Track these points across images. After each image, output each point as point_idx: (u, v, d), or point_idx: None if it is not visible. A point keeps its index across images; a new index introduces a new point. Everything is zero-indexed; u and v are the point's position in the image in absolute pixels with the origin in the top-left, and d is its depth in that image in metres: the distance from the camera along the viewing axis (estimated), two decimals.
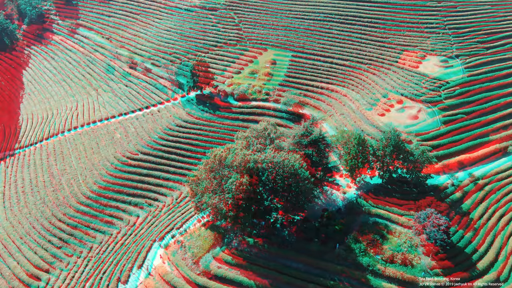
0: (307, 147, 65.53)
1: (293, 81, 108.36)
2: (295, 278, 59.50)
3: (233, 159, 59.38)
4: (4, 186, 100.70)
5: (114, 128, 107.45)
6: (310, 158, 66.41)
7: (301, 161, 61.83)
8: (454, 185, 71.82)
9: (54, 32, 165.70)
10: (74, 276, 73.01)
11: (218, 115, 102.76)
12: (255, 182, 58.78)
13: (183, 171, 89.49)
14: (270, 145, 66.29)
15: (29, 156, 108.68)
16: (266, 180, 59.36)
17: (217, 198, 59.48)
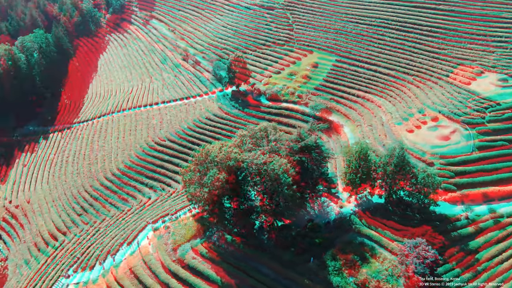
0: (299, 153, 63.57)
1: (330, 86, 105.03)
2: (261, 283, 58.54)
3: (216, 155, 60.40)
4: (54, 154, 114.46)
5: (153, 114, 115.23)
6: (302, 165, 64.40)
7: (287, 167, 60.43)
8: (468, 218, 63.69)
9: (130, 22, 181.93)
10: (81, 242, 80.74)
11: (246, 113, 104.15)
12: (232, 180, 59.05)
13: None
14: (264, 147, 65.71)
15: (80, 130, 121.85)
16: (243, 180, 59.22)
17: (197, 190, 61.02)
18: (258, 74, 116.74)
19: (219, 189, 58.40)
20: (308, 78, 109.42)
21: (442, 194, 67.97)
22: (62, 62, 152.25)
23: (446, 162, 73.21)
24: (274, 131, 69.58)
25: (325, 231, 64.01)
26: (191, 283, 60.89)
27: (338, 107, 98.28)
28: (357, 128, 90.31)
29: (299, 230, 62.66)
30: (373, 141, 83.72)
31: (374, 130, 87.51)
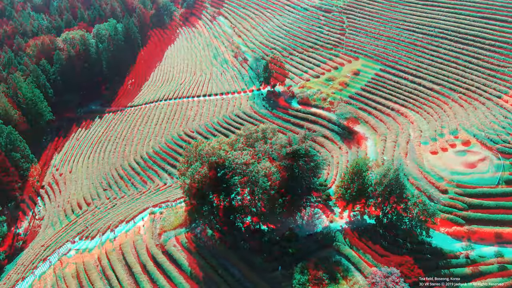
0: (286, 159, 62.06)
1: (366, 95, 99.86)
2: (225, 282, 58.89)
3: (203, 149, 61.98)
4: (102, 133, 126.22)
5: (192, 106, 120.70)
6: (292, 172, 62.75)
7: (270, 171, 59.69)
8: (469, 257, 56.60)
9: (199, 18, 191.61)
10: (96, 214, 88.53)
11: (274, 114, 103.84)
12: (212, 175, 60.02)
13: None
14: (258, 148, 65.45)
15: (129, 114, 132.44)
16: (222, 178, 59.81)
17: (183, 181, 63.23)
18: (297, 76, 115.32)
19: (199, 182, 59.81)
20: (345, 85, 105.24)
21: (445, 226, 61.37)
22: (130, 50, 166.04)
23: (462, 192, 65.49)
24: (272, 133, 68.95)
25: (303, 242, 61.77)
26: (165, 268, 63.43)
27: (368, 118, 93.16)
28: (380, 143, 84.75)
29: (272, 237, 61.37)
30: (390, 158, 78.00)
31: (397, 147, 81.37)
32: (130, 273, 65.51)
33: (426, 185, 68.93)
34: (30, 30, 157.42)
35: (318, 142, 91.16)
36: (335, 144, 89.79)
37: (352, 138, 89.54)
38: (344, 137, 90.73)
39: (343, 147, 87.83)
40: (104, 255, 70.19)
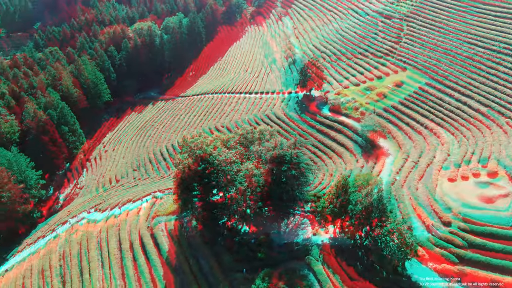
0: (270, 163, 60.97)
1: (402, 110, 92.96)
2: (191, 272, 60.54)
3: (192, 141, 63.97)
4: (149, 118, 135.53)
5: (231, 102, 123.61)
6: (278, 177, 61.61)
7: (251, 172, 59.49)
8: None
9: (267, 17, 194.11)
10: (117, 190, 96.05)
11: (301, 118, 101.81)
12: (193, 168, 61.58)
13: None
14: (252, 149, 65.55)
15: (177, 103, 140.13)
16: (202, 172, 61.00)
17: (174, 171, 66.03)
18: (337, 82, 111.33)
19: (182, 173, 61.94)
20: (383, 97, 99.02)
21: (435, 261, 55.23)
22: (193, 43, 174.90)
23: (467, 228, 58.05)
24: (270, 136, 68.26)
25: (276, 250, 60.47)
26: (147, 250, 67.14)
27: (396, 133, 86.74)
28: (400, 161, 78.45)
29: (245, 238, 61.02)
30: (403, 179, 72.03)
31: (415, 168, 74.71)
32: (119, 248, 70.44)
33: (429, 214, 62.52)
34: (107, 19, 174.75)
35: (337, 152, 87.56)
36: (353, 156, 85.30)
37: (373, 152, 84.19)
38: (365, 150, 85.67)
39: (360, 161, 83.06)
40: (105, 228, 76.20)
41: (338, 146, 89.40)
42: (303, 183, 62.76)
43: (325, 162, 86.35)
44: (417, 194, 67.31)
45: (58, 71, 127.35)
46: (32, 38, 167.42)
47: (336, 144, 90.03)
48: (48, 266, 73.93)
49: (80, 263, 70.94)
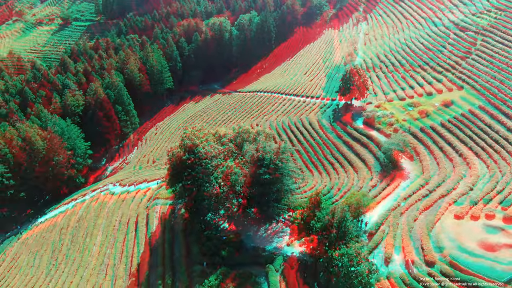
0: (249, 165, 60.46)
1: (441, 132, 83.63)
2: (162, 257, 63.57)
3: (186, 132, 66.69)
4: (201, 109, 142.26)
5: (275, 102, 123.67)
6: (256, 179, 61.03)
7: (230, 170, 60.10)
8: None
9: (344, 21, 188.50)
10: (146, 170, 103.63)
11: (332, 127, 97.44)
12: (180, 157, 63.98)
13: None
14: (243, 147, 65.98)
15: (230, 98, 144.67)
16: (186, 162, 63.05)
17: None
18: (383, 94, 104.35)
19: (171, 161, 65.05)
20: (424, 115, 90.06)
21: None
22: (263, 42, 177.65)
23: (451, 273, 50.75)
24: (265, 138, 67.70)
25: (243, 252, 60.21)
26: (138, 227, 72.29)
27: (425, 157, 78.54)
28: (414, 186, 71.13)
29: (214, 234, 61.82)
30: (406, 206, 65.49)
31: (427, 197, 67.21)
32: (119, 221, 76.68)
33: (416, 249, 56.21)
34: (187, 13, 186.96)
35: (355, 167, 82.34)
36: (370, 173, 79.48)
37: (391, 172, 77.47)
38: (385, 169, 78.94)
39: (374, 179, 76.96)
40: (116, 202, 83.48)
41: (358, 160, 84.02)
42: (280, 189, 60.98)
43: (338, 175, 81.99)
44: (412, 225, 60.87)
45: (128, 56, 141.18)
46: (117, 25, 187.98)
47: (357, 158, 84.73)
48: (67, 224, 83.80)
49: (88, 227, 79.02)
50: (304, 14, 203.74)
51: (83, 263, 70.31)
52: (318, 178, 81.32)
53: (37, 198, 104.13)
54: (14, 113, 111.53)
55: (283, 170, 59.61)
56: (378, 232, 61.46)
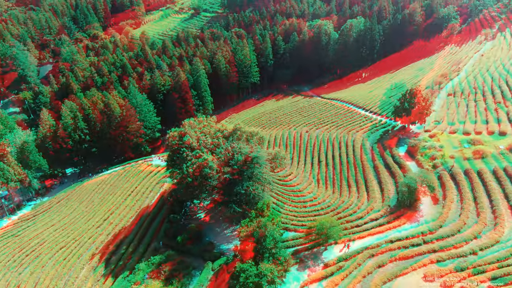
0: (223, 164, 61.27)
1: (486, 179, 69.13)
2: (143, 229, 70.44)
3: (188, 121, 71.53)
4: (276, 108, 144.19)
5: (338, 113, 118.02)
6: (232, 178, 61.99)
7: (203, 163, 62.64)
8: None
9: (471, 37, 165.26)
10: None
11: (371, 148, 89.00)
12: (174, 142, 68.89)
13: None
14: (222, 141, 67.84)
15: (307, 101, 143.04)
16: (174, 148, 67.55)
17: None
18: (448, 124, 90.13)
19: (169, 142, 70.81)
20: (479, 157, 75.35)
21: None
22: (364, 50, 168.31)
23: None
24: (257, 141, 67.68)
25: (199, 243, 62.46)
26: (143, 196, 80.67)
27: (451, 203, 66.66)
28: (414, 231, 61.67)
29: (176, 218, 65.25)
30: (383, 251, 57.74)
31: (415, 247, 57.90)
32: (138, 188, 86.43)
33: None
34: (295, 13, 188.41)
35: (370, 194, 74.71)
36: (381, 204, 71.22)
37: (403, 210, 68.01)
38: (400, 203, 69.62)
39: (382, 211, 68.74)
40: (146, 172, 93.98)
41: (377, 188, 76.08)
42: (246, 193, 60.48)
43: (349, 197, 75.47)
44: (374, 271, 53.58)
45: (219, 46, 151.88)
46: (226, 18, 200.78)
47: (377, 186, 76.77)
48: (108, 182, 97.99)
49: (116, 187, 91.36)
50: (427, 26, 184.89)
51: (96, 215, 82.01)
52: (329, 194, 76.93)
53: (109, 156, 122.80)
54: (111, 83, 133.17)
55: (249, 174, 59.09)
56: (335, 265, 56.04)
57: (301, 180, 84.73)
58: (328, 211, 70.56)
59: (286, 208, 71.92)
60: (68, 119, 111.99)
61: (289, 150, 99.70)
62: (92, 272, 64.16)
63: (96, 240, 72.03)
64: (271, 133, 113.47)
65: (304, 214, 70.62)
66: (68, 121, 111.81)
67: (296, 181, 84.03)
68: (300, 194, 78.40)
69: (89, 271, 64.20)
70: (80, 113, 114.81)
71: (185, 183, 63.43)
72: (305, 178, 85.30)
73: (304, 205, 73.18)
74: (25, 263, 71.76)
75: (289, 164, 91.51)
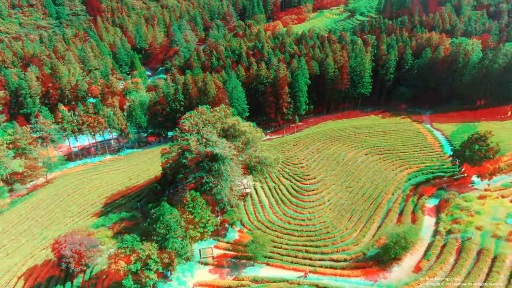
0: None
1: (498, 264, 52.97)
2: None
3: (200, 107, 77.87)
4: (362, 126, 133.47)
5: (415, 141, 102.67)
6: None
7: (187, 146, 68.47)
8: None
9: None
10: None
11: (402, 191, 76.26)
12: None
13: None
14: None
15: (393, 124, 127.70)
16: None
17: None
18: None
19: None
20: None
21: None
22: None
23: None
24: (251, 142, 69.45)
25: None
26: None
27: (432, 276, 54.37)
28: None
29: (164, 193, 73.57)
30: None
31: None
32: None
33: None
34: (444, 27, 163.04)
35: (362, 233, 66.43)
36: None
37: (372, 262, 58.91)
38: (378, 255, 60.29)
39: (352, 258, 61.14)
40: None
41: (373, 232, 66.80)
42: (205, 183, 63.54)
43: (342, 227, 68.79)
44: None
45: (333, 50, 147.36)
46: (362, 24, 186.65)
47: (375, 230, 67.21)
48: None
49: None
50: None
51: (139, 170, 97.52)
52: (330, 217, 73.33)
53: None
54: (224, 67, 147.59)
55: (215, 168, 61.79)
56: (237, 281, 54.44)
57: (315, 199, 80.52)
58: (305, 233, 67.05)
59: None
60: (171, 90, 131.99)
61: (331, 167, 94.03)
62: (91, 209, 79.99)
63: (120, 186, 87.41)
64: (331, 149, 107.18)
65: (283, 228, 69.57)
66: (170, 91, 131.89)
67: (311, 198, 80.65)
68: (300, 211, 75.90)
69: (93, 208, 79.62)
70: (181, 87, 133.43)
71: (167, 163, 70.35)
72: (321, 199, 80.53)
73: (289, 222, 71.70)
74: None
75: (321, 181, 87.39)
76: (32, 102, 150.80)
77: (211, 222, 58.28)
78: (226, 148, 62.96)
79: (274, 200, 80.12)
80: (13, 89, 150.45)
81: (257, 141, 74.25)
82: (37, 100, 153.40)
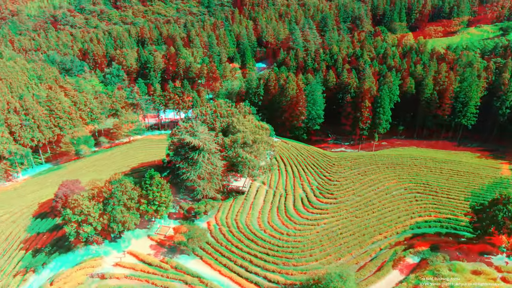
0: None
1: None
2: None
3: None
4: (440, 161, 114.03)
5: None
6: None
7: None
8: None
9: None
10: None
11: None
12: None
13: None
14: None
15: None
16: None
17: None
18: None
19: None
20: None
21: None
22: None
23: None
24: (242, 136, 71.37)
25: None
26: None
27: None
28: None
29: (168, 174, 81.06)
30: None
31: None
32: None
33: None
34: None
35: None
36: None
37: None
38: None
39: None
40: None
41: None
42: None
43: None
44: None
45: (445, 70, 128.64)
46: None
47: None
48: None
49: None
50: None
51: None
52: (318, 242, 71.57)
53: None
54: (315, 70, 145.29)
55: (185, 154, 66.42)
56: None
57: (313, 218, 76.54)
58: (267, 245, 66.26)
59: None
60: (254, 83, 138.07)
61: (361, 193, 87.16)
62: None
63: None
64: (376, 174, 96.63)
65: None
66: (253, 84, 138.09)
67: (310, 216, 77.46)
68: (287, 225, 73.87)
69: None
70: (263, 82, 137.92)
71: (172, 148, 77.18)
72: (320, 220, 76.23)
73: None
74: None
75: (339, 203, 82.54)
76: (154, 75, 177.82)
77: (166, 204, 62.76)
78: (206, 140, 65.85)
79: (270, 206, 78.85)
80: (143, 62, 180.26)
81: (260, 142, 74.25)
82: (159, 74, 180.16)
